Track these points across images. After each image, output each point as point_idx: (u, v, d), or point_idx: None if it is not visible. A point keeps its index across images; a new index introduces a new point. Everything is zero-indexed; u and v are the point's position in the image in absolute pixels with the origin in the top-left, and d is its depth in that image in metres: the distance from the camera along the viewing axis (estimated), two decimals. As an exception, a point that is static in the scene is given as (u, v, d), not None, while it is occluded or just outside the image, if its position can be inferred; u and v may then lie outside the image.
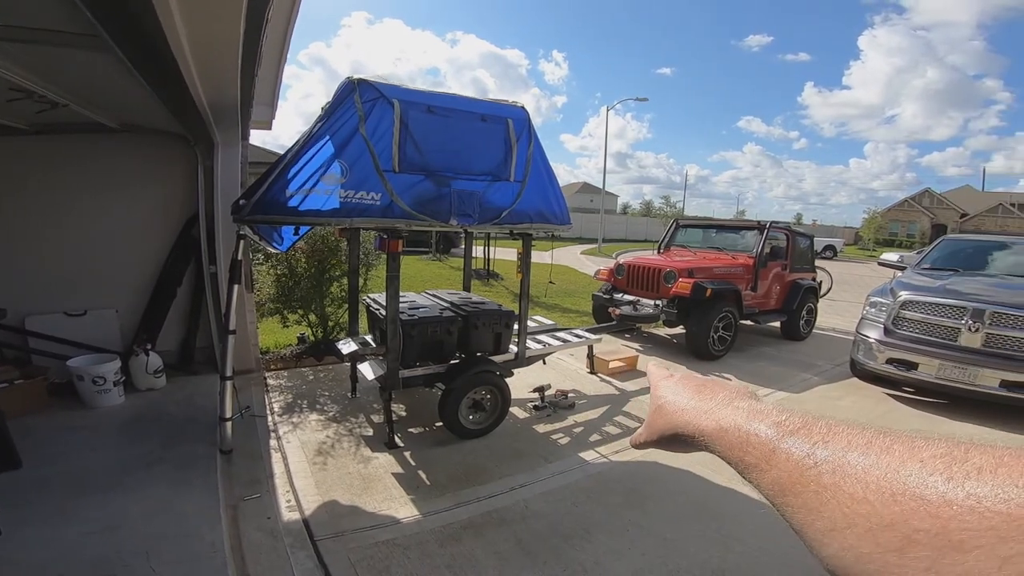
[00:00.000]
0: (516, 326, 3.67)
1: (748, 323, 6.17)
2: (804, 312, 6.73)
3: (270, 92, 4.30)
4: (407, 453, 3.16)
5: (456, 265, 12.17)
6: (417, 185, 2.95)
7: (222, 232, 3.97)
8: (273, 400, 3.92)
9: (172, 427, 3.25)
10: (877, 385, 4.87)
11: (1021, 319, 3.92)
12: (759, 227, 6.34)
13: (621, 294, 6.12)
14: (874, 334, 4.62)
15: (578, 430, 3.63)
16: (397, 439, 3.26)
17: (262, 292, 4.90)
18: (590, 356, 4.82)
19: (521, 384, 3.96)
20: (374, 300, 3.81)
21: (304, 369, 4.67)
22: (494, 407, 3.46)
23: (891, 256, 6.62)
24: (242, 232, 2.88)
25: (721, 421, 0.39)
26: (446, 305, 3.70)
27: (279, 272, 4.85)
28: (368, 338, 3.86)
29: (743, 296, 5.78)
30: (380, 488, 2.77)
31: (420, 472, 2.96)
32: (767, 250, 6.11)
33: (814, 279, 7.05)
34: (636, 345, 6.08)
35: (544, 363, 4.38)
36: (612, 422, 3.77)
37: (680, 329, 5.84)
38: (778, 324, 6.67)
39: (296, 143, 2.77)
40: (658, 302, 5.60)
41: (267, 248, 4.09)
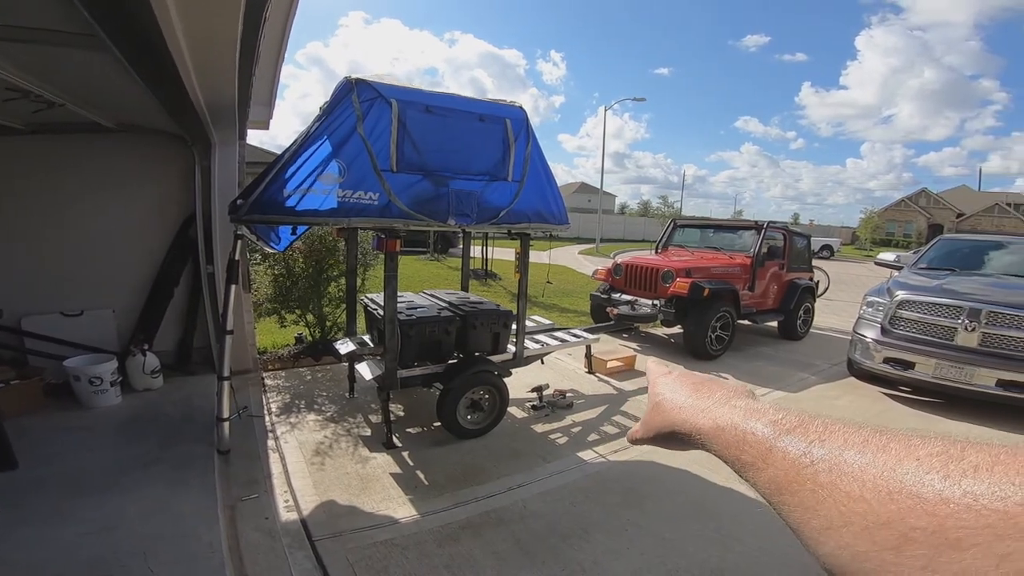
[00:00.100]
0: (514, 326, 3.67)
1: (746, 323, 6.17)
2: (801, 312, 6.74)
3: (267, 91, 4.28)
4: (405, 453, 3.16)
5: (454, 265, 12.16)
6: (415, 185, 2.95)
7: (219, 232, 3.97)
8: (271, 400, 3.91)
9: (169, 427, 3.24)
10: (874, 384, 4.88)
11: (1017, 318, 3.93)
12: (756, 227, 6.36)
13: (619, 294, 6.12)
14: (871, 333, 4.64)
15: (576, 430, 3.63)
16: (395, 439, 3.26)
17: (259, 292, 4.89)
18: (588, 356, 4.82)
19: (519, 384, 3.96)
20: (372, 300, 3.80)
21: (302, 369, 4.66)
22: (492, 407, 3.46)
23: (888, 256, 6.64)
24: (239, 232, 2.86)
25: (718, 419, 0.39)
26: (444, 305, 3.70)
27: (276, 272, 4.84)
28: (366, 338, 3.85)
29: (740, 296, 5.79)
30: (378, 488, 2.76)
31: (418, 472, 2.96)
32: (764, 250, 6.11)
33: (811, 279, 7.06)
34: (634, 345, 6.09)
35: (542, 363, 4.38)
36: (610, 422, 3.78)
37: (678, 329, 5.84)
38: (775, 324, 6.68)
39: (294, 143, 2.77)
40: (656, 302, 5.61)
41: (264, 248, 4.08)
